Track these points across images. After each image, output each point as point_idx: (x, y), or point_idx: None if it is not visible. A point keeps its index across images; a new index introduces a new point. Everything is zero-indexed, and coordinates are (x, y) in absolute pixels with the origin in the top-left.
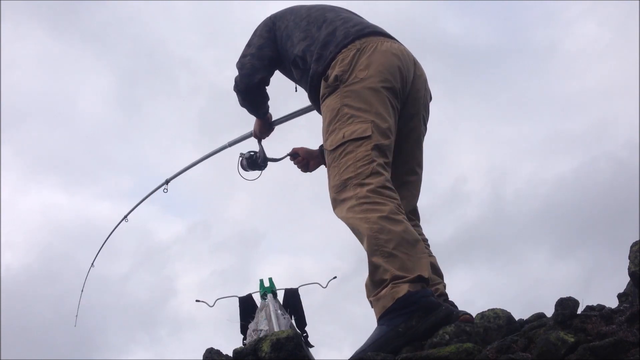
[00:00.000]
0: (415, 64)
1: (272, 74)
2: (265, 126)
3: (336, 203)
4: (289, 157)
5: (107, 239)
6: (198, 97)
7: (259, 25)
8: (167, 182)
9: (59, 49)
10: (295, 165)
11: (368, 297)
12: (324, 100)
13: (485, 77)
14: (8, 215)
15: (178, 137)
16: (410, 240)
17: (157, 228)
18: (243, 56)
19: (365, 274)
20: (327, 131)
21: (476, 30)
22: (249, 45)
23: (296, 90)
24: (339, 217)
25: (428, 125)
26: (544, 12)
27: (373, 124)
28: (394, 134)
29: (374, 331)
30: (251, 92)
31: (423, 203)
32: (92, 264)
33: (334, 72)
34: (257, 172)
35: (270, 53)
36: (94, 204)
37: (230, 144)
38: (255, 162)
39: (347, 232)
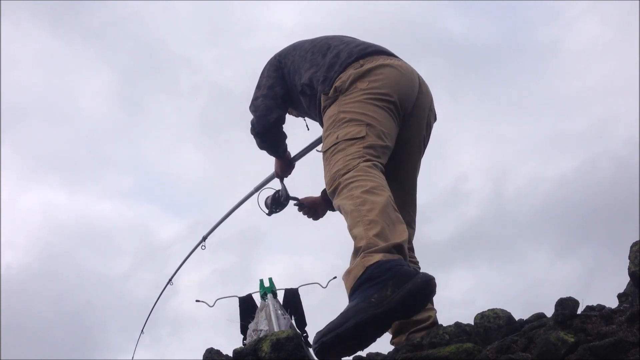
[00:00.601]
0: (420, 81)
1: (286, 111)
2: (285, 165)
3: (332, 196)
4: (296, 206)
5: (154, 305)
6: (199, 96)
7: (265, 66)
8: (204, 238)
9: (60, 47)
10: (305, 216)
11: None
12: (324, 112)
13: (486, 76)
14: (8, 214)
15: (179, 135)
16: (393, 217)
17: (157, 227)
18: (255, 99)
19: None
20: (324, 137)
21: (477, 29)
22: (258, 87)
23: (308, 129)
24: (334, 207)
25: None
26: (545, 11)
27: (368, 126)
28: (392, 140)
29: (346, 307)
30: (269, 132)
31: (424, 201)
32: (142, 330)
33: (334, 85)
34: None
35: (281, 91)
36: (95, 203)
37: (257, 189)
38: (278, 200)
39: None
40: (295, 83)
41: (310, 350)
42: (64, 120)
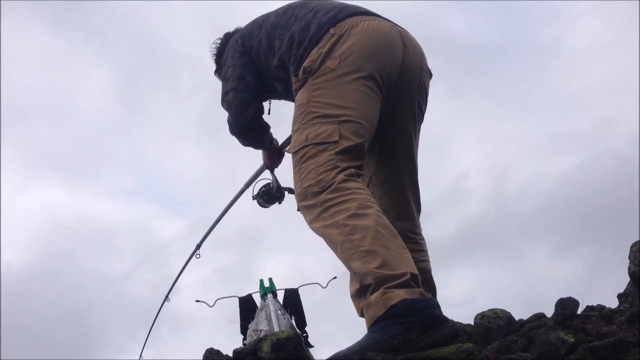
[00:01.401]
0: (404, 38)
1: (262, 101)
2: (274, 155)
3: (303, 212)
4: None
5: (153, 324)
6: (200, 94)
7: (228, 53)
8: (198, 247)
9: (60, 46)
10: None
11: (357, 308)
12: (296, 96)
13: (487, 74)
14: (9, 213)
15: (180, 134)
16: (386, 234)
17: (158, 227)
18: (225, 94)
19: None
20: (293, 129)
21: (479, 28)
22: (225, 79)
23: (269, 113)
24: (310, 228)
25: (430, 121)
26: (548, 9)
27: (341, 124)
28: (371, 129)
29: (364, 337)
30: (250, 129)
31: (424, 199)
32: (140, 355)
33: (302, 65)
34: (276, 204)
35: (253, 79)
36: (95, 202)
37: (247, 185)
38: (270, 192)
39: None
40: (270, 65)
41: (310, 350)
42: (64, 119)
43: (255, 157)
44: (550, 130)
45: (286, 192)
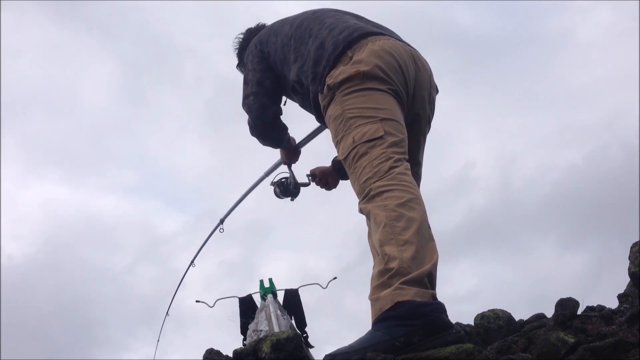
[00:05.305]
0: (415, 57)
1: (280, 103)
2: (291, 153)
3: (364, 207)
4: (308, 177)
5: (179, 286)
6: (204, 88)
7: (248, 57)
8: (221, 221)
9: (63, 39)
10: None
11: (370, 292)
12: (325, 112)
13: (496, 67)
14: (12, 207)
15: (183, 128)
16: (426, 234)
17: (160, 222)
18: (245, 97)
19: (365, 265)
20: (337, 141)
21: (487, 21)
22: (246, 82)
23: (284, 104)
24: (359, 207)
25: (437, 113)
26: (556, 2)
27: (382, 122)
28: (404, 128)
29: (366, 335)
30: (269, 131)
31: (430, 189)
32: (167, 313)
33: (326, 83)
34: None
35: (271, 85)
36: (98, 197)
37: (267, 174)
38: (287, 188)
39: (349, 226)
40: (286, 75)
41: (311, 350)
42: (66, 113)
43: (259, 150)
44: (558, 123)
45: (302, 188)
